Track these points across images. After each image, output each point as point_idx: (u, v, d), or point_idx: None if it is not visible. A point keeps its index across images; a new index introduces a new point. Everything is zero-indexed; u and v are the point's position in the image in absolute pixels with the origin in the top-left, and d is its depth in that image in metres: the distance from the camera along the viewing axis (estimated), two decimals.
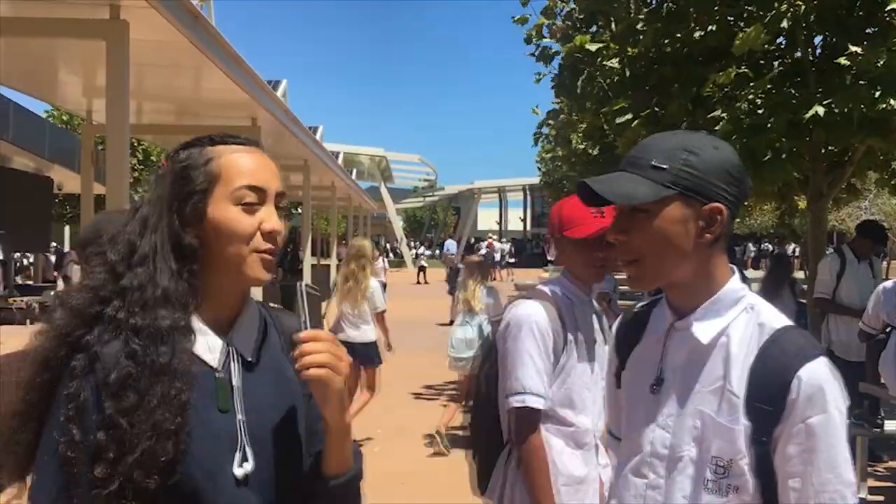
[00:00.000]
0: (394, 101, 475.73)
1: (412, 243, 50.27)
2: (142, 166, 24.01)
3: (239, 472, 1.32)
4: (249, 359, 1.40)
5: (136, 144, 21.89)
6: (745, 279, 1.58)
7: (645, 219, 1.45)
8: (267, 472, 1.37)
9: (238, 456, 1.33)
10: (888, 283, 5.68)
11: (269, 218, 1.37)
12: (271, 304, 1.60)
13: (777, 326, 1.45)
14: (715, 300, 1.49)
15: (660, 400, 1.52)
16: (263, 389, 1.40)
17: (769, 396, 1.40)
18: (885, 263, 18.06)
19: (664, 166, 1.44)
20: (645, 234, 1.45)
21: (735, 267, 1.55)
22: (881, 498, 5.86)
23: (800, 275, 11.22)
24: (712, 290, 1.50)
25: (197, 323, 1.36)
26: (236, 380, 1.37)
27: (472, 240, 46.87)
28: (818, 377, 1.39)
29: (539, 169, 25.91)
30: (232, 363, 1.38)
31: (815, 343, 1.48)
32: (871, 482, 6.04)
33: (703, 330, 1.48)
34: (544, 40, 8.35)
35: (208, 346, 1.37)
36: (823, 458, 1.38)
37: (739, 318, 1.48)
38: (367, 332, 7.17)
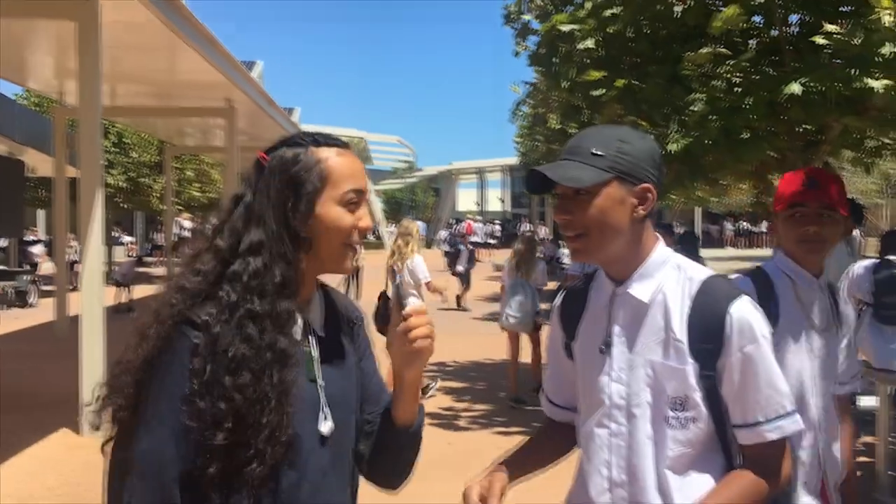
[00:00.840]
0: (372, 82, 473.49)
1: (392, 225, 50.17)
2: (116, 149, 23.67)
3: (324, 430, 1.53)
4: (321, 333, 1.60)
5: (109, 127, 21.58)
6: (693, 256, 1.63)
7: (588, 200, 1.67)
8: (340, 431, 1.56)
9: (321, 416, 1.53)
10: (864, 263, 5.75)
11: (364, 217, 1.56)
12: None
13: (704, 277, 1.72)
14: (648, 264, 1.74)
15: (612, 358, 1.74)
16: (331, 358, 1.60)
17: (708, 336, 1.65)
18: (862, 241, 18.27)
19: (602, 153, 1.67)
20: (588, 213, 1.68)
21: (659, 235, 1.80)
22: (858, 474, 5.94)
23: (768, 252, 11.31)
24: (644, 257, 1.74)
25: None
26: (315, 351, 1.57)
27: (452, 220, 46.78)
28: (745, 313, 1.66)
29: (517, 149, 25.90)
30: (310, 336, 1.58)
31: (737, 286, 1.75)
32: None
33: (642, 290, 1.72)
34: (524, 17, 8.30)
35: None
36: (762, 378, 1.66)
37: (671, 276, 1.73)
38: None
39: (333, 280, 1.69)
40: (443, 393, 8.84)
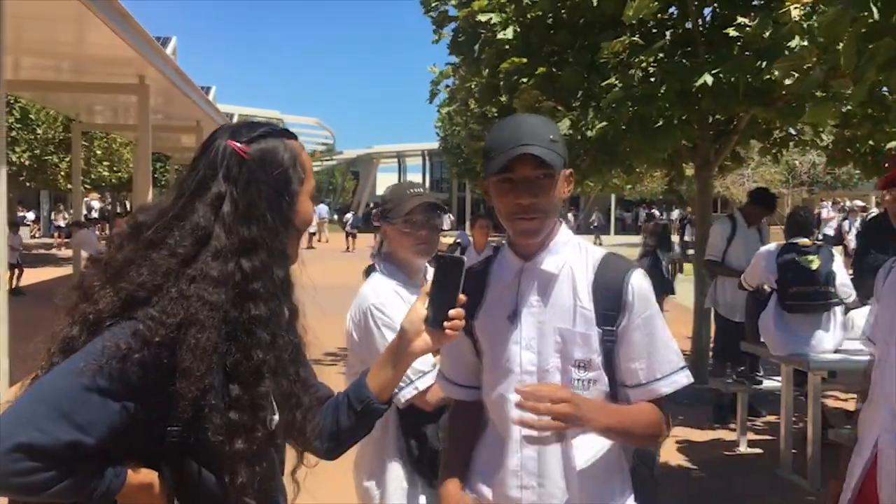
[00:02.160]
0: (290, 62, 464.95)
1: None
2: (19, 125, 22.68)
3: (271, 424, 1.50)
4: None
5: (12, 102, 20.64)
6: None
7: (550, 184, 1.80)
8: (281, 423, 1.54)
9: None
10: (770, 247, 5.96)
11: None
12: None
13: (602, 254, 1.91)
14: (556, 242, 1.89)
15: (521, 328, 1.86)
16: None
17: (611, 303, 1.83)
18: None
19: (557, 140, 1.81)
20: (549, 195, 1.81)
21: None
22: (760, 451, 6.20)
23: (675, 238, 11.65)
24: (552, 236, 1.89)
25: None
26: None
27: (371, 205, 46.58)
28: (642, 283, 1.86)
29: (438, 134, 25.96)
30: None
31: (631, 260, 1.96)
32: (751, 436, 6.38)
33: (551, 264, 1.87)
34: (441, 4, 8.29)
35: None
36: (659, 341, 1.86)
37: (574, 253, 1.90)
38: None
39: None
40: None
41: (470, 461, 1.99)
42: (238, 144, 1.49)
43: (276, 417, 1.50)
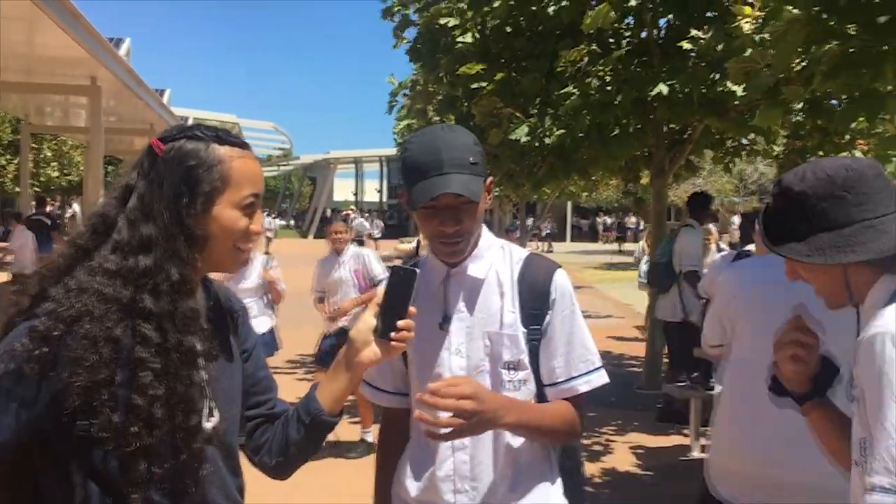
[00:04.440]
0: (247, 66, 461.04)
1: (267, 213, 49.10)
2: None
3: (208, 425, 1.49)
4: (205, 326, 1.53)
5: None
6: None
7: (474, 207, 1.80)
8: (225, 423, 1.54)
9: (205, 412, 1.48)
10: (723, 255, 6.07)
11: (257, 221, 1.55)
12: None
13: (525, 255, 1.95)
14: (480, 247, 1.91)
15: (450, 333, 1.87)
16: (216, 352, 1.55)
17: (537, 301, 1.86)
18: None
19: (476, 161, 1.79)
20: (473, 218, 1.82)
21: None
22: None
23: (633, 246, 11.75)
24: (477, 241, 1.90)
25: None
26: (199, 345, 1.51)
27: (328, 211, 46.30)
28: (565, 281, 1.90)
29: (396, 140, 25.91)
30: None
31: (553, 260, 1.97)
32: (704, 441, 6.47)
33: (477, 270, 1.89)
34: (402, 10, 8.30)
35: None
36: (578, 338, 1.89)
37: (498, 256, 1.92)
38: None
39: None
40: None
41: (397, 471, 1.97)
42: (157, 141, 1.50)
43: (216, 419, 1.51)
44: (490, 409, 1.67)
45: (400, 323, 1.63)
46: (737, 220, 29.42)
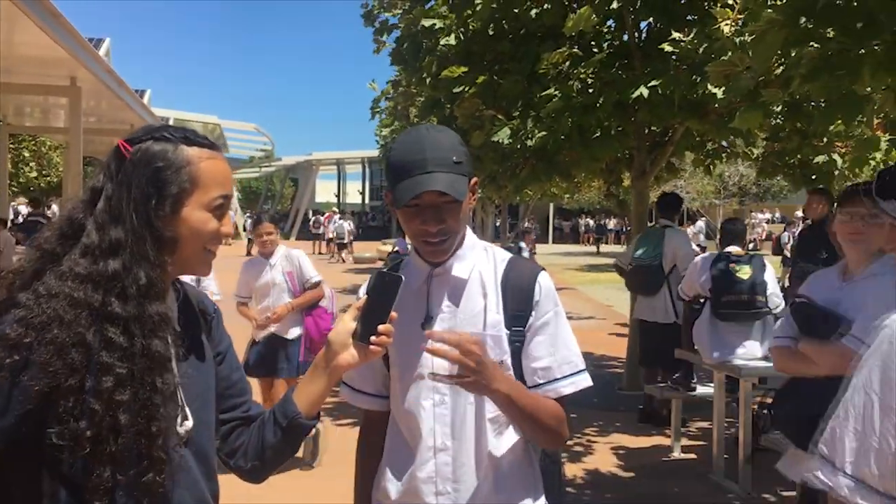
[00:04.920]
0: (230, 68, 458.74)
1: (248, 214, 48.83)
2: None
3: (181, 430, 1.48)
4: (177, 328, 1.52)
5: None
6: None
7: (458, 206, 1.80)
8: (199, 428, 1.52)
9: (179, 416, 1.48)
10: (704, 255, 6.10)
11: (228, 222, 1.54)
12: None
13: (508, 257, 1.94)
14: (464, 247, 1.90)
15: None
16: (189, 355, 1.55)
17: (520, 302, 1.86)
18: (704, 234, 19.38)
19: (461, 160, 1.80)
20: (457, 217, 1.81)
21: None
22: (694, 456, 6.33)
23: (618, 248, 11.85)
24: (461, 241, 1.90)
25: None
26: (172, 349, 1.48)
27: (311, 213, 46.16)
28: (549, 283, 1.90)
29: (378, 142, 25.88)
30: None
31: (536, 263, 2.01)
32: (685, 441, 6.51)
33: (460, 270, 1.89)
34: (384, 13, 8.31)
35: None
36: (561, 340, 1.88)
37: (481, 257, 1.93)
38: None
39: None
40: None
41: (377, 474, 1.96)
42: (123, 143, 1.48)
43: (190, 423, 1.50)
44: (489, 371, 1.69)
45: (380, 328, 1.62)
46: (702, 224, 29.79)
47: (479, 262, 1.91)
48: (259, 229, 5.91)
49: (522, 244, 14.93)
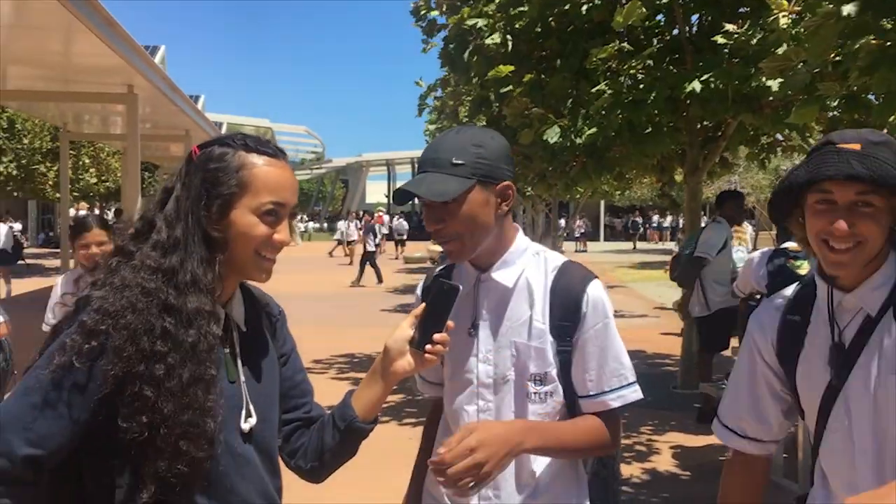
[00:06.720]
0: (279, 71, 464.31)
1: (301, 217, 49.44)
2: (6, 135, 22.59)
3: (245, 426, 1.54)
4: (243, 329, 1.61)
5: (0, 112, 20.56)
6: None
7: (456, 207, 1.75)
8: (262, 426, 1.58)
9: (243, 413, 1.54)
10: (762, 250, 6.01)
11: (282, 231, 1.55)
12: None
13: (560, 263, 1.88)
14: (510, 253, 1.87)
15: (478, 340, 1.86)
16: (254, 354, 1.62)
17: (567, 313, 1.81)
18: (753, 233, 19.01)
19: (462, 162, 1.75)
20: (458, 219, 1.77)
21: (518, 225, 1.93)
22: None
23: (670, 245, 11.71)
24: (506, 247, 1.87)
25: None
26: (237, 347, 1.58)
27: (361, 213, 46.50)
28: (599, 293, 1.84)
29: (427, 142, 25.97)
30: (233, 332, 1.59)
31: (589, 270, 1.91)
32: None
33: (506, 276, 1.85)
34: (432, 13, 8.32)
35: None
36: (611, 352, 1.84)
37: (531, 263, 1.88)
38: None
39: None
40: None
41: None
42: (195, 148, 1.57)
43: (254, 420, 1.56)
44: (504, 445, 1.66)
45: (436, 336, 1.65)
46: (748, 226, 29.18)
47: (527, 268, 1.87)
48: (86, 237, 4.30)
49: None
